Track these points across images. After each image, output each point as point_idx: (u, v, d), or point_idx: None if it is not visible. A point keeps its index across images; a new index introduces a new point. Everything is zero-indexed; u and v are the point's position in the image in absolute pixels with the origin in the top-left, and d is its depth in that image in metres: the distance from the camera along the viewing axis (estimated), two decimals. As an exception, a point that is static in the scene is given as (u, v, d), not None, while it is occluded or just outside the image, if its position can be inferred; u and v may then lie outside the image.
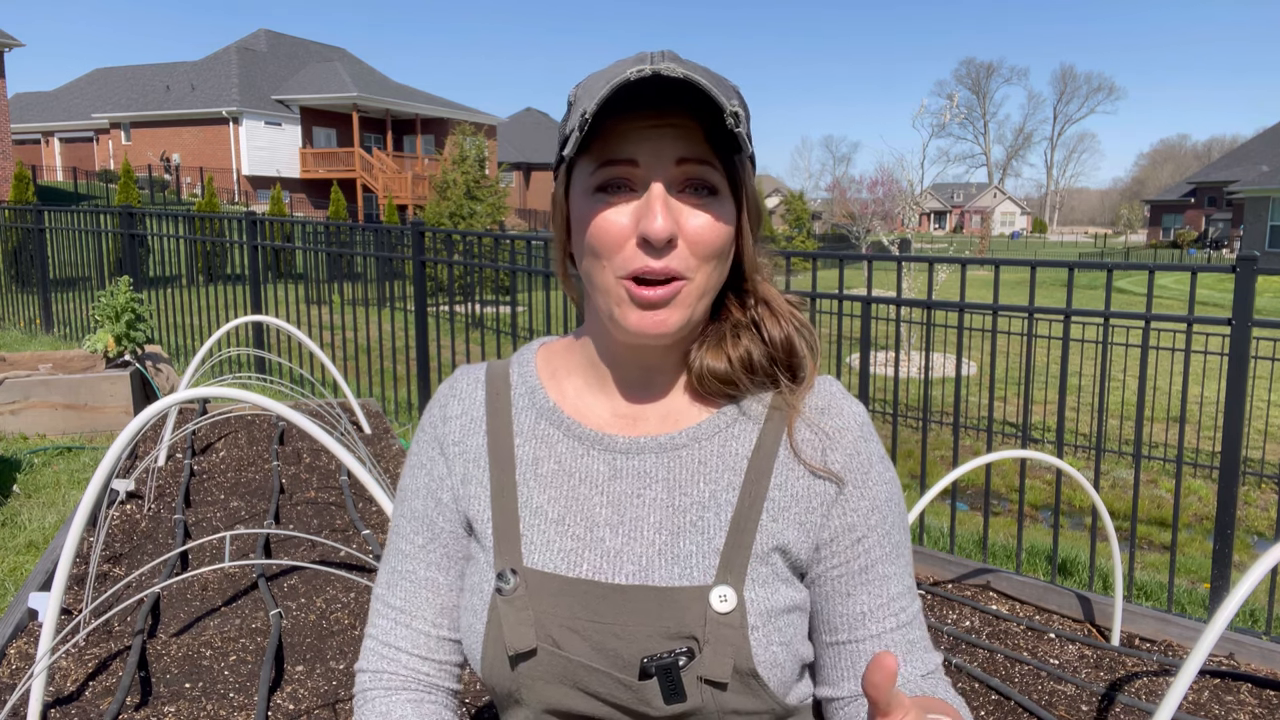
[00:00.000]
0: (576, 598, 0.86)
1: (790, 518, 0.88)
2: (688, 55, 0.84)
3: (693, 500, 0.88)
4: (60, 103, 40.44)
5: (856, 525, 0.89)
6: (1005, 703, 2.44)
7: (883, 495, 0.91)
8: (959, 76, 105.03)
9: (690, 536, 0.87)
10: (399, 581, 0.97)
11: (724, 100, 0.77)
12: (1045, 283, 6.98)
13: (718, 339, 0.90)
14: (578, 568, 0.87)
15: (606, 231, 0.82)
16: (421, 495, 0.97)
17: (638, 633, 0.84)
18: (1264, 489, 7.67)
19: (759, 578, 0.86)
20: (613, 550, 0.88)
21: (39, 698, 1.98)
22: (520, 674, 0.86)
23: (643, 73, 0.76)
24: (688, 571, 0.86)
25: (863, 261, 5.81)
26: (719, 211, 0.83)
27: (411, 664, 0.95)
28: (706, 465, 0.89)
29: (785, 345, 0.90)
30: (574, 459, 0.91)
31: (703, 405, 0.92)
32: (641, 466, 0.90)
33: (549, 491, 0.91)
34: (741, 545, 0.86)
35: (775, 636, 0.85)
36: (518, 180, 42.88)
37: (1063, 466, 2.74)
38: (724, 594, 0.84)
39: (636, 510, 0.89)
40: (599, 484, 0.90)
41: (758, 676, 0.84)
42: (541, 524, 0.90)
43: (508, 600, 0.86)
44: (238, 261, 7.79)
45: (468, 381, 0.99)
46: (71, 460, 5.14)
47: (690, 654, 0.83)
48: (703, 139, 0.82)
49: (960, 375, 3.76)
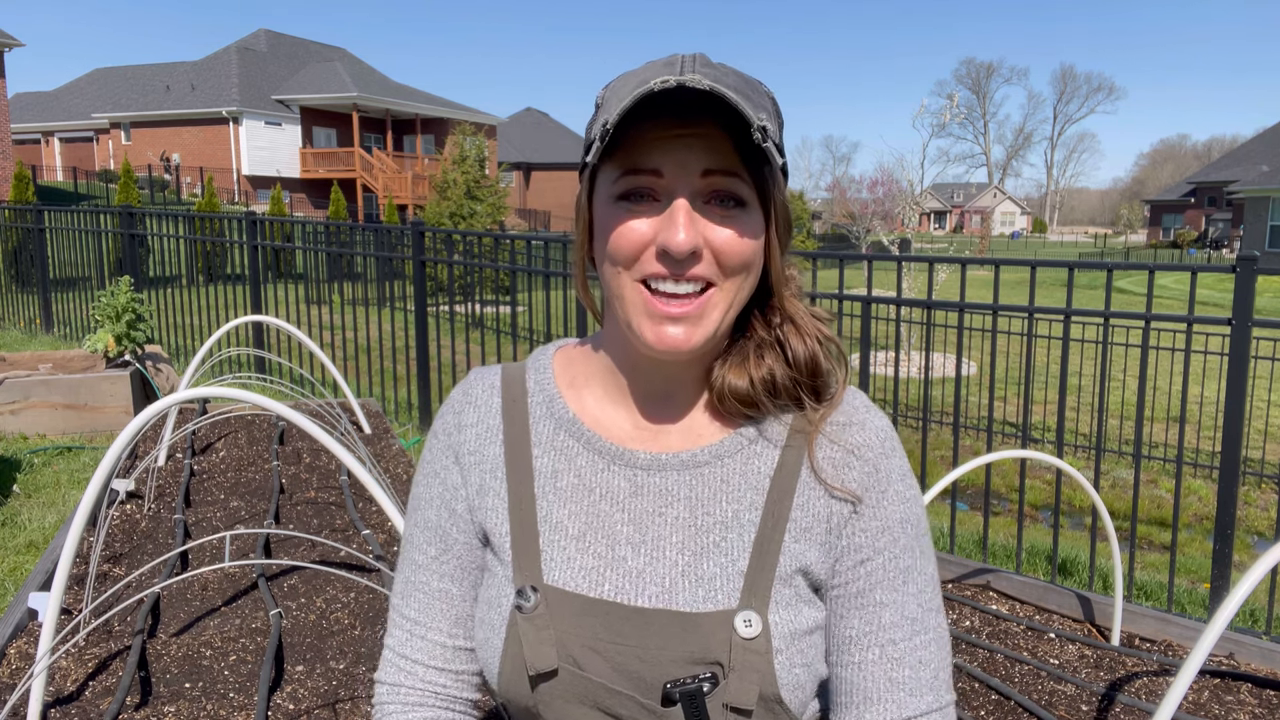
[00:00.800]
0: (599, 618, 0.84)
1: (812, 538, 0.86)
2: (688, 54, 0.81)
3: (716, 520, 0.86)
4: (60, 103, 40.45)
5: (863, 546, 0.86)
6: (1005, 703, 2.44)
7: (897, 516, 0.87)
8: (959, 76, 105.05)
9: (713, 558, 0.85)
10: (413, 593, 0.95)
11: (752, 114, 0.74)
12: (1045, 283, 6.98)
13: (741, 357, 0.87)
14: (599, 588, 0.85)
15: (626, 239, 0.80)
16: (435, 505, 0.95)
17: (661, 657, 0.82)
18: (1264, 489, 7.68)
19: (782, 600, 0.84)
20: (635, 570, 0.85)
21: (39, 698, 1.98)
22: (540, 693, 0.84)
23: (667, 84, 0.73)
24: (712, 595, 0.84)
25: (863, 261, 5.81)
26: (746, 224, 0.81)
27: (428, 676, 0.94)
28: (729, 484, 0.87)
29: (809, 364, 0.87)
30: (594, 473, 0.89)
31: (724, 423, 0.89)
32: (663, 484, 0.88)
33: (569, 506, 0.89)
34: (765, 567, 0.84)
35: (798, 659, 0.84)
36: (518, 180, 42.88)
37: (1063, 466, 2.74)
38: (749, 618, 0.82)
39: (659, 529, 0.87)
40: (620, 500, 0.88)
41: (781, 701, 0.82)
42: (561, 540, 0.87)
43: (528, 618, 0.84)
44: (238, 261, 7.79)
45: (483, 387, 0.96)
46: (71, 460, 5.14)
47: (714, 680, 0.81)
48: (731, 149, 0.79)
49: (960, 375, 3.76)
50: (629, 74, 0.82)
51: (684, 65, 0.77)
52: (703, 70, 0.76)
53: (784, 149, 0.85)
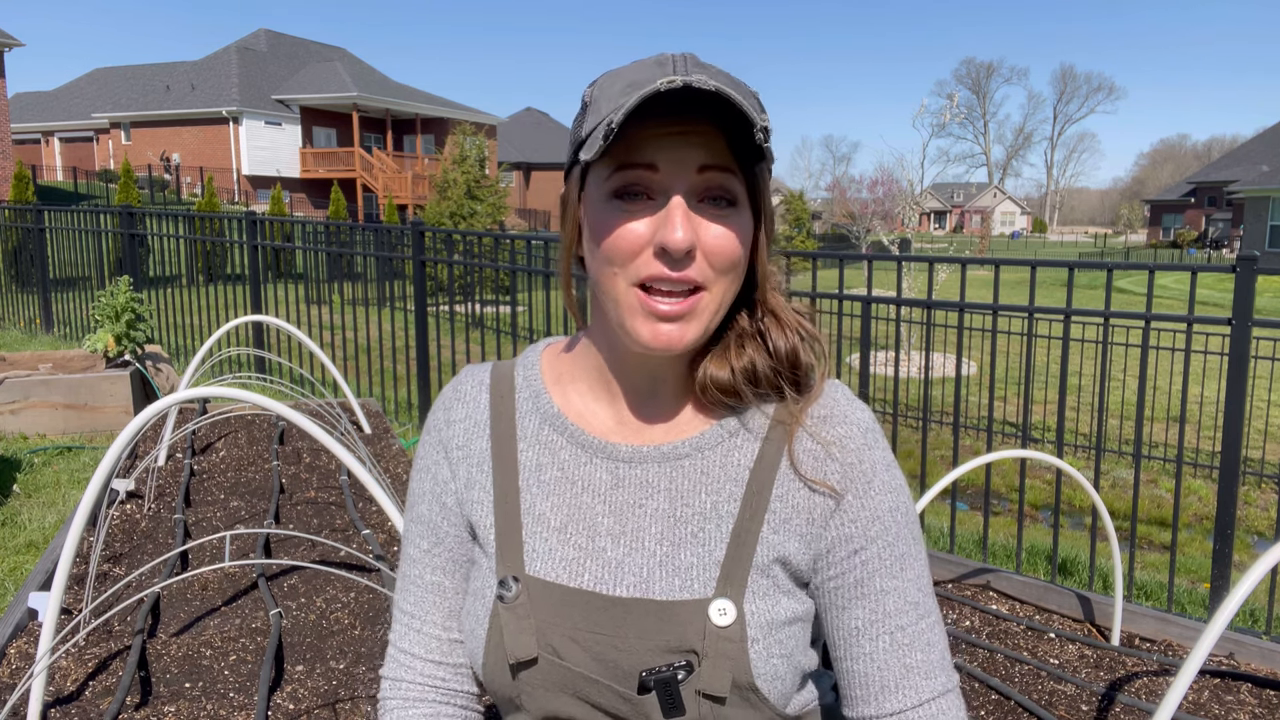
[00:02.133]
0: (577, 608, 0.86)
1: (791, 529, 0.87)
2: (677, 53, 0.81)
3: (694, 511, 0.87)
4: (60, 102, 40.43)
5: (854, 536, 0.87)
6: (1005, 702, 2.44)
7: (886, 505, 0.88)
8: (959, 76, 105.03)
9: (691, 548, 0.86)
10: (409, 587, 0.98)
11: (755, 115, 0.75)
12: (1045, 282, 6.98)
13: (723, 349, 0.89)
14: (579, 578, 0.87)
15: (624, 239, 0.80)
16: (427, 500, 0.97)
17: (637, 646, 0.83)
18: (1264, 489, 7.67)
19: (759, 590, 0.85)
20: (614, 561, 0.87)
21: (39, 697, 1.98)
22: (521, 682, 0.86)
23: (673, 84, 0.74)
24: (688, 584, 0.85)
25: (863, 261, 5.81)
26: (738, 223, 0.82)
27: (426, 670, 0.96)
28: (709, 476, 0.88)
29: (790, 356, 0.89)
30: (576, 466, 0.91)
31: (706, 415, 0.91)
32: (644, 476, 0.89)
33: (552, 499, 0.90)
34: (742, 557, 0.85)
35: (775, 649, 0.84)
36: (518, 180, 42.86)
37: (1063, 466, 2.74)
38: (723, 607, 0.83)
39: (638, 520, 0.88)
40: (601, 492, 0.89)
41: (757, 690, 0.83)
42: (544, 531, 0.89)
43: (509, 608, 0.86)
44: (238, 261, 7.79)
45: (472, 384, 0.98)
46: (71, 460, 5.14)
47: (689, 667, 0.82)
48: (725, 147, 0.80)
49: (960, 375, 3.76)
50: (616, 72, 0.83)
51: (676, 65, 0.78)
52: (697, 70, 0.78)
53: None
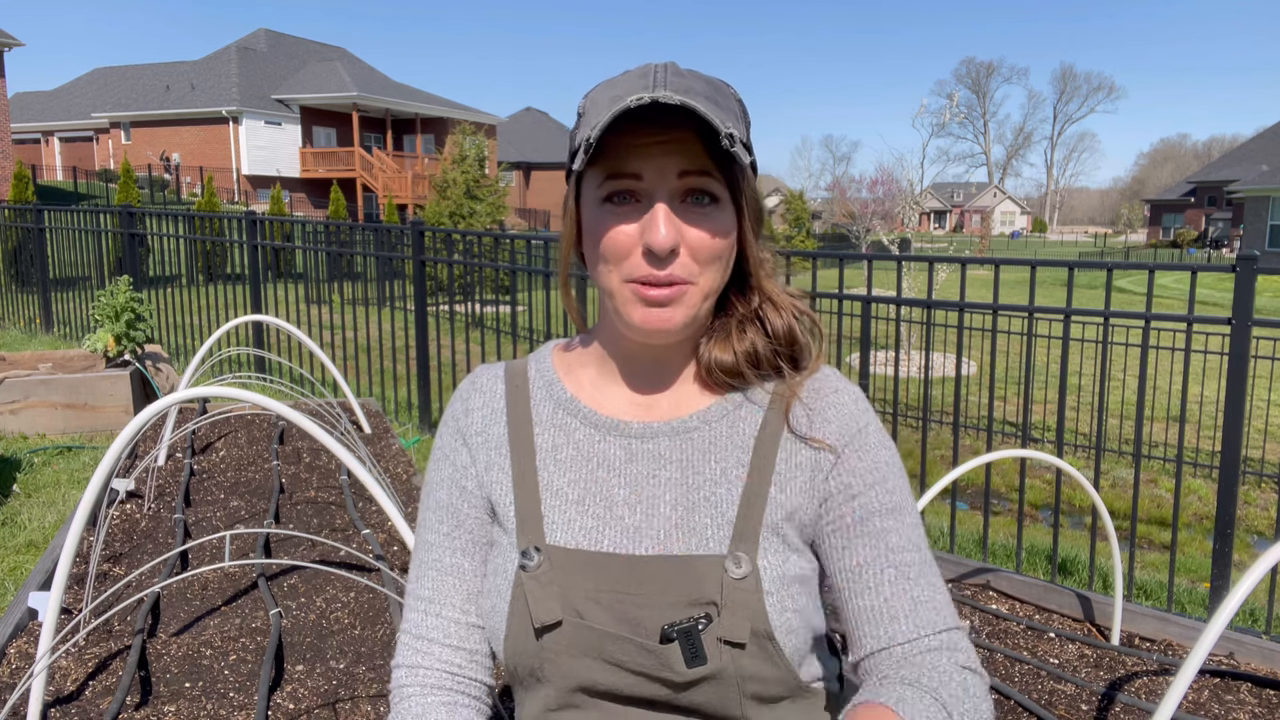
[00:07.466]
0: (599, 570, 0.91)
1: (796, 486, 0.93)
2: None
3: (705, 478, 0.94)
4: (60, 102, 40.41)
5: (853, 484, 0.93)
6: (1005, 702, 2.44)
7: (883, 458, 0.95)
8: (959, 76, 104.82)
9: (704, 510, 0.92)
10: (426, 572, 1.01)
11: (719, 124, 0.82)
12: (1045, 282, 6.98)
13: (725, 334, 0.96)
14: (599, 544, 0.93)
15: (615, 241, 0.88)
16: (446, 485, 1.02)
17: (659, 601, 0.89)
18: (1264, 489, 7.67)
19: (770, 547, 0.91)
20: (631, 527, 0.93)
21: (39, 697, 1.98)
22: (545, 646, 0.90)
23: (642, 100, 0.82)
24: (704, 542, 0.91)
25: (863, 261, 5.80)
26: (719, 219, 0.89)
27: (444, 655, 0.98)
28: (717, 445, 0.95)
29: (787, 335, 0.97)
30: (591, 444, 0.97)
31: (711, 393, 0.98)
32: (655, 449, 0.95)
33: (568, 475, 0.96)
34: (752, 516, 0.91)
35: (789, 603, 0.89)
36: (518, 180, 42.86)
37: (1063, 466, 2.74)
38: (739, 559, 0.89)
39: (653, 489, 0.94)
40: (616, 467, 0.96)
41: (774, 639, 0.88)
42: (562, 505, 0.95)
43: (532, 575, 0.91)
44: (238, 261, 7.79)
45: (488, 377, 1.05)
46: (71, 460, 5.14)
47: (709, 618, 0.87)
48: (702, 151, 0.87)
49: (960, 375, 3.76)
50: (606, 84, 0.91)
51: (655, 77, 0.86)
52: (674, 82, 0.85)
53: (752, 147, 0.94)
